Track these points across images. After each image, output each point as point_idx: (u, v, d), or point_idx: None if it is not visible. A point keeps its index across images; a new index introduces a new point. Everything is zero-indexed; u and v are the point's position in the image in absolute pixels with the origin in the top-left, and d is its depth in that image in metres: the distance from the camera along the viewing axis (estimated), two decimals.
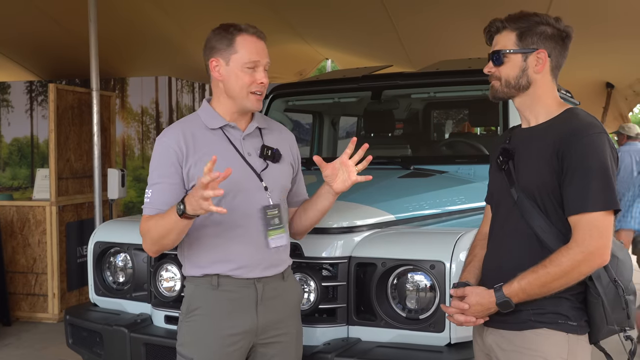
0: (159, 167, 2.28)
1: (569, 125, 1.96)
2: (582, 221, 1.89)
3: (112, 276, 3.47)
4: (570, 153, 1.91)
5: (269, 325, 2.30)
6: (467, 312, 2.02)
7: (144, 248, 2.31)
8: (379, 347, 2.66)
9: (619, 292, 1.97)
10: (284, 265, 2.38)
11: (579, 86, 7.59)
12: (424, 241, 2.80)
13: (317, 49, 9.24)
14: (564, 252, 1.89)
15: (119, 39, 7.61)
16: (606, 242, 1.89)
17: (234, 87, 2.28)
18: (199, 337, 2.26)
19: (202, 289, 2.27)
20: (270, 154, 2.35)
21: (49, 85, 6.11)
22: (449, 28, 6.69)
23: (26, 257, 6.09)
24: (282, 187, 2.39)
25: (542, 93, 2.05)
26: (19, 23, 7.34)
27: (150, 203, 2.26)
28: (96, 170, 5.75)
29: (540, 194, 1.97)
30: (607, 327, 1.96)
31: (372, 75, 4.53)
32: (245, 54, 2.26)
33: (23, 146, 9.06)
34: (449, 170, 3.84)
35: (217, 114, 2.34)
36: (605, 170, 1.89)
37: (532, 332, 1.97)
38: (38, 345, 5.29)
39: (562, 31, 2.04)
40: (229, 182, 2.19)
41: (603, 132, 1.93)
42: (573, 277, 1.89)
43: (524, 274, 1.94)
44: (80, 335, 3.37)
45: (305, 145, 5.76)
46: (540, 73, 2.03)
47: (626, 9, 5.88)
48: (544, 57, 2.02)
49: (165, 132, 2.33)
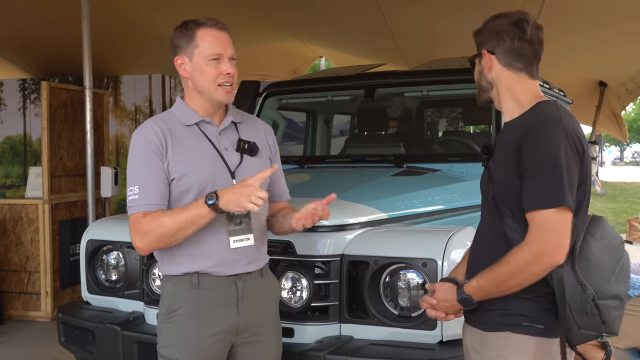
0: (141, 162, 2.22)
1: (528, 121, 1.93)
2: (534, 219, 1.84)
3: (104, 274, 3.46)
4: (524, 150, 1.87)
5: (249, 323, 2.29)
6: (436, 307, 2.04)
7: (139, 245, 2.21)
8: (371, 345, 2.67)
9: (584, 297, 1.85)
10: (264, 261, 2.38)
11: (572, 85, 7.60)
12: (416, 239, 2.82)
13: (311, 47, 9.23)
14: (515, 251, 1.85)
15: (113, 36, 7.58)
16: (558, 242, 1.81)
17: (201, 82, 2.27)
18: (181, 337, 2.23)
19: (182, 289, 2.25)
20: (247, 147, 2.34)
21: (41, 83, 6.09)
22: (443, 25, 6.69)
23: (19, 256, 6.07)
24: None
25: (506, 90, 2.03)
26: (12, 21, 7.30)
27: (140, 199, 2.19)
28: (89, 168, 5.73)
29: (507, 191, 1.93)
30: (579, 331, 1.87)
31: (365, 74, 4.54)
32: (207, 47, 2.25)
33: (16, 144, 9.02)
34: (442, 168, 3.85)
35: (191, 110, 2.32)
36: (556, 166, 1.82)
37: (496, 336, 1.94)
38: (31, 344, 5.27)
39: (509, 24, 2.01)
40: (204, 178, 2.22)
41: (559, 126, 1.87)
42: (525, 277, 1.84)
43: (483, 272, 1.92)
44: (72, 334, 3.37)
45: (299, 143, 5.76)
46: (492, 71, 2.04)
47: (619, 7, 5.89)
48: (487, 56, 2.03)
49: (142, 128, 2.28)
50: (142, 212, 2.19)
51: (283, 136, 4.93)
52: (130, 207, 2.20)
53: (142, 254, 2.30)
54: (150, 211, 2.19)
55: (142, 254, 2.31)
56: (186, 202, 2.22)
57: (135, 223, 2.19)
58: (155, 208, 2.19)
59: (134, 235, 2.20)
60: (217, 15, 2.49)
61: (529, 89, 2.03)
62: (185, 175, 2.22)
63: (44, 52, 8.35)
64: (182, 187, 2.23)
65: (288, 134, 6.51)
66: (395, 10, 6.72)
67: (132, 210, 2.20)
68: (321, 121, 5.21)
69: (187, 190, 2.23)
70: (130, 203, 2.20)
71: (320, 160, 4.77)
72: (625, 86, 8.67)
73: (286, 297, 2.80)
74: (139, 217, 2.19)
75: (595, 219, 2.01)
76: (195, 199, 2.20)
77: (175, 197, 2.24)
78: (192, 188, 2.23)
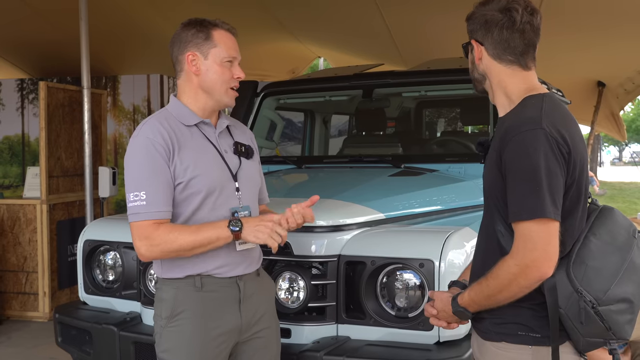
0: (148, 165, 2.13)
1: (510, 120, 1.81)
2: (517, 231, 1.73)
3: (101, 274, 3.46)
4: (504, 153, 1.76)
5: (251, 322, 2.30)
6: (438, 317, 1.97)
7: (145, 253, 2.14)
8: (368, 346, 2.66)
9: (581, 304, 1.73)
10: (260, 260, 2.39)
11: (570, 85, 7.60)
12: (414, 240, 2.81)
13: (310, 47, 9.22)
14: (501, 265, 1.75)
15: (111, 36, 7.57)
16: (542, 254, 1.69)
17: (213, 81, 2.24)
18: (186, 341, 2.21)
19: (185, 292, 2.21)
20: (243, 150, 2.35)
21: (39, 83, 6.08)
22: (441, 26, 6.68)
23: (17, 256, 6.07)
24: (254, 185, 2.39)
25: (497, 82, 1.91)
26: (10, 21, 7.29)
27: (148, 206, 2.11)
28: (87, 168, 5.74)
29: (495, 194, 1.84)
30: (584, 339, 1.77)
31: (363, 74, 4.54)
32: (224, 49, 2.24)
33: (14, 144, 9.01)
34: (440, 168, 3.84)
35: (189, 110, 2.27)
36: (534, 173, 1.68)
37: (493, 346, 1.87)
38: (29, 344, 5.27)
39: (497, 12, 1.86)
40: (212, 181, 2.19)
41: (538, 128, 1.71)
42: (514, 290, 1.74)
43: (473, 285, 1.84)
44: (69, 334, 3.37)
45: (297, 143, 5.76)
46: (482, 63, 1.92)
47: (617, 8, 5.89)
48: (477, 47, 1.92)
49: (146, 129, 2.18)
50: (152, 220, 2.12)
51: (281, 136, 4.93)
52: (136, 214, 2.12)
53: (144, 260, 2.22)
54: (161, 219, 2.13)
55: (144, 260, 2.22)
56: (193, 205, 2.19)
57: (144, 231, 2.11)
58: (165, 215, 2.14)
59: (140, 242, 2.12)
60: (216, 15, 2.49)
61: (521, 82, 1.89)
62: (194, 177, 2.18)
63: (42, 52, 8.34)
64: (190, 190, 2.18)
65: (286, 134, 6.50)
66: (393, 11, 6.72)
67: (140, 217, 2.12)
68: (319, 121, 5.21)
69: (196, 193, 2.19)
70: (136, 209, 2.12)
71: (318, 160, 4.76)
72: (624, 86, 8.67)
73: (283, 297, 2.79)
74: (149, 225, 2.11)
75: (603, 213, 1.86)
76: (202, 202, 2.18)
77: (182, 199, 2.19)
78: (201, 191, 2.19)
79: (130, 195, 2.14)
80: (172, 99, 2.33)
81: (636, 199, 20.63)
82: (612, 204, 8.82)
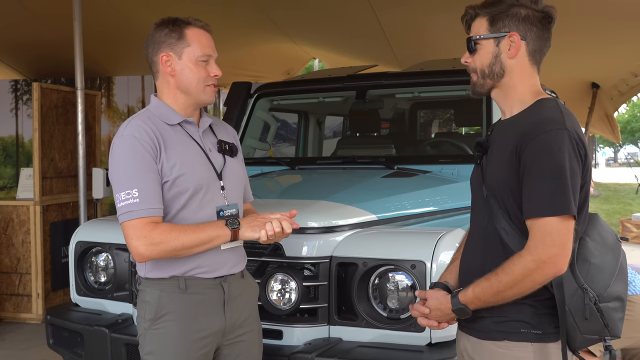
0: (137, 163, 2.10)
1: (529, 120, 1.81)
2: (535, 227, 1.75)
3: (93, 276, 3.45)
4: (525, 151, 1.76)
5: (234, 325, 2.29)
6: (429, 316, 1.96)
7: (144, 253, 2.08)
8: (360, 347, 2.67)
9: (586, 300, 1.78)
10: (245, 262, 2.38)
11: (564, 86, 7.62)
12: (405, 241, 2.81)
13: (305, 48, 9.22)
14: (516, 260, 1.76)
15: (105, 37, 7.56)
16: (560, 250, 1.73)
17: (189, 81, 2.22)
18: (170, 343, 2.19)
19: (169, 294, 2.19)
20: (228, 148, 2.33)
21: (32, 84, 6.07)
22: (435, 27, 6.69)
23: (10, 257, 6.05)
24: (240, 182, 2.38)
25: (517, 81, 1.89)
26: (4, 21, 7.28)
27: (142, 203, 2.07)
28: (81, 169, 5.71)
29: (501, 194, 1.84)
30: (581, 336, 1.81)
31: (356, 75, 4.54)
32: (198, 47, 2.22)
33: (8, 145, 8.99)
34: (433, 170, 3.84)
35: (172, 109, 2.25)
36: (560, 171, 1.72)
37: (494, 344, 1.86)
38: (22, 346, 5.25)
39: (538, 12, 1.87)
40: (198, 179, 2.19)
41: (562, 128, 1.75)
42: (526, 286, 1.76)
43: (479, 281, 1.83)
44: (61, 336, 3.36)
45: (291, 144, 5.76)
46: (515, 58, 1.87)
47: (612, 9, 5.91)
48: (517, 40, 1.86)
49: (131, 128, 2.15)
50: (148, 218, 2.08)
51: (275, 137, 4.93)
52: (129, 212, 2.07)
53: (140, 261, 2.14)
54: (155, 216, 2.10)
55: (141, 261, 2.14)
56: (180, 203, 2.17)
57: (141, 230, 2.07)
58: (159, 213, 2.12)
59: (138, 241, 2.07)
60: (211, 16, 2.47)
61: (535, 84, 1.92)
62: (180, 176, 2.16)
63: (36, 53, 8.33)
64: (177, 189, 2.16)
65: (280, 135, 6.50)
66: (388, 12, 6.72)
67: (134, 215, 2.07)
68: (313, 122, 5.21)
69: (182, 192, 2.17)
70: (128, 208, 2.07)
71: (311, 161, 4.76)
72: (618, 88, 8.69)
73: (275, 299, 2.79)
74: (146, 224, 2.07)
75: (591, 218, 1.93)
76: (189, 200, 2.17)
77: (169, 198, 2.16)
78: (188, 189, 2.17)
79: (120, 194, 2.09)
80: (152, 99, 2.29)
81: (631, 200, 20.65)
82: (607, 205, 8.91)
